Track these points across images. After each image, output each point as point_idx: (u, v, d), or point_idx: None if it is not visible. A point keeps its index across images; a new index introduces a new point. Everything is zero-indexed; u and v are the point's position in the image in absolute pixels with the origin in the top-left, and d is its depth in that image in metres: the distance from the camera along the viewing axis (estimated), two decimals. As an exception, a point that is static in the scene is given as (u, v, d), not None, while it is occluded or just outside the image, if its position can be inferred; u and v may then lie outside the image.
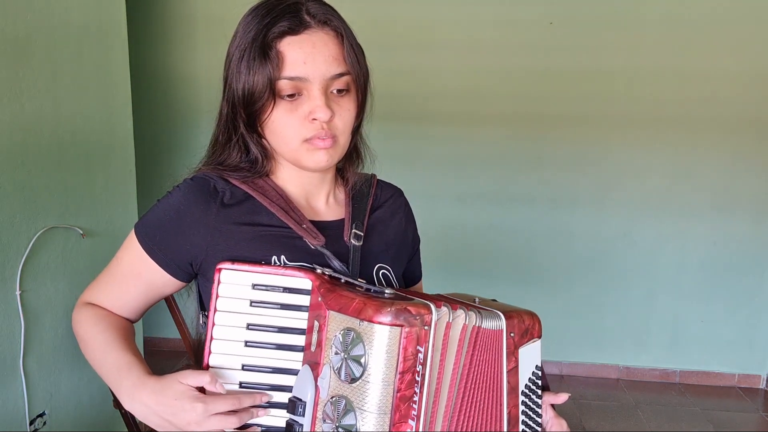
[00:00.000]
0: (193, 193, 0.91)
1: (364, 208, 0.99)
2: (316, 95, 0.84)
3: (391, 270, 0.99)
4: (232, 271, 0.83)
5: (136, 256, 0.92)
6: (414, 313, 0.72)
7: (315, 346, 0.78)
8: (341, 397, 0.73)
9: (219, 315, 0.82)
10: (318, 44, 0.84)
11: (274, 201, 0.91)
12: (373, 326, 0.71)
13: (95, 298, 0.97)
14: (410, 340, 0.71)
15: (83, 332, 0.93)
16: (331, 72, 0.85)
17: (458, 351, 0.78)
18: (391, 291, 0.77)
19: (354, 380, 0.72)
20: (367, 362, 0.71)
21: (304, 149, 0.87)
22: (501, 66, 3.05)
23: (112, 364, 0.86)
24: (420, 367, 0.72)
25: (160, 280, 0.92)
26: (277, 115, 0.85)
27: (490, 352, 0.81)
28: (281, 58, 0.83)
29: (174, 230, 0.90)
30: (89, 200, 2.11)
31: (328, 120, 0.85)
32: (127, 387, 0.81)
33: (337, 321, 0.75)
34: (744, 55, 2.93)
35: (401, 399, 0.71)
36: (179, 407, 0.76)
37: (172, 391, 0.77)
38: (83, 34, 2.04)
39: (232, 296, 0.83)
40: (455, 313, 0.77)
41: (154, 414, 0.78)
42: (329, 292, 0.78)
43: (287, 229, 0.90)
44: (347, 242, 0.94)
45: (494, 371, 0.82)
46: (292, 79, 0.83)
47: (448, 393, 0.77)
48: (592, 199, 3.13)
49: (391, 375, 0.71)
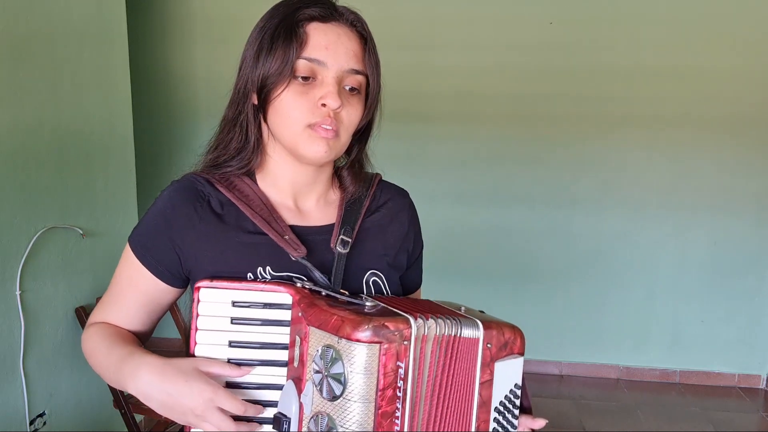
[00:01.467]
0: (179, 195, 0.91)
1: (357, 212, 0.96)
2: (329, 82, 0.84)
3: (384, 276, 0.96)
4: (210, 289, 0.82)
5: (132, 266, 0.92)
6: (392, 329, 0.71)
7: (297, 362, 0.78)
8: (323, 414, 0.73)
9: (200, 334, 0.81)
10: (343, 36, 0.86)
11: (257, 211, 0.90)
12: (351, 344, 0.70)
13: (101, 317, 0.97)
14: (390, 357, 0.70)
15: (89, 346, 0.93)
16: (350, 65, 0.85)
17: (431, 362, 0.76)
18: (372, 302, 0.76)
19: (335, 398, 0.71)
20: (346, 380, 0.70)
21: (306, 135, 0.86)
22: (501, 65, 3.05)
23: (114, 358, 0.86)
24: (401, 383, 0.71)
25: (155, 288, 0.92)
26: (288, 95, 0.85)
27: (463, 362, 0.78)
28: (305, 38, 0.84)
29: (163, 236, 0.89)
30: (89, 200, 2.11)
31: (337, 109, 0.85)
32: (129, 369, 0.81)
33: (317, 337, 0.75)
34: (744, 54, 2.93)
35: (383, 416, 0.71)
36: (186, 388, 0.75)
37: (184, 372, 0.77)
38: (83, 34, 2.04)
39: (212, 314, 0.82)
40: (428, 323, 0.75)
41: (158, 392, 0.77)
42: (309, 306, 0.77)
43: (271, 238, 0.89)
44: (333, 249, 0.91)
45: (466, 382, 0.79)
46: (311, 60, 0.84)
47: (425, 405, 0.76)
48: (592, 199, 3.13)
49: (371, 392, 0.70)
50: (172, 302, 0.96)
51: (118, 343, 0.89)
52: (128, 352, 0.85)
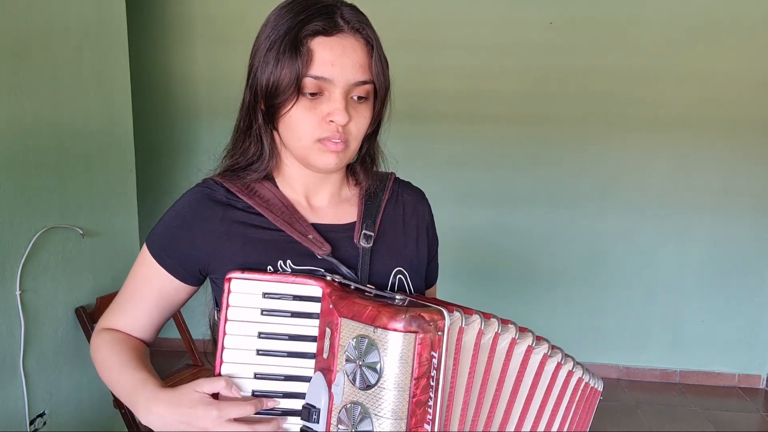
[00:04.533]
0: (198, 199, 0.92)
1: (377, 206, 0.98)
2: (337, 98, 0.85)
3: (408, 274, 0.98)
4: (242, 280, 0.83)
5: (148, 266, 0.94)
6: (428, 319, 0.72)
7: (327, 353, 0.79)
8: (356, 403, 0.74)
9: (230, 324, 0.82)
10: (348, 49, 0.85)
11: (278, 215, 0.91)
12: (387, 333, 0.72)
13: (111, 322, 0.98)
14: (425, 346, 0.72)
15: (100, 357, 0.95)
16: (356, 78, 0.85)
17: (474, 355, 0.79)
18: (401, 296, 0.77)
19: (369, 387, 0.73)
20: (382, 369, 0.72)
21: (316, 149, 0.87)
22: (501, 66, 3.05)
23: (128, 382, 0.88)
24: (434, 372, 0.72)
25: (170, 285, 0.94)
26: (297, 111, 0.86)
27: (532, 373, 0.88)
28: (311, 56, 0.84)
29: (181, 237, 0.91)
30: (89, 200, 2.11)
31: (345, 124, 0.86)
32: (143, 401, 0.83)
33: (349, 328, 0.76)
34: (744, 55, 2.93)
35: (417, 404, 0.72)
36: (194, 415, 0.78)
37: (187, 399, 0.79)
38: (83, 34, 2.04)
39: (242, 305, 0.82)
40: (470, 318, 0.78)
41: (171, 424, 0.80)
42: (341, 299, 0.79)
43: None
44: (357, 244, 0.93)
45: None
46: (317, 78, 0.84)
47: (464, 396, 0.79)
48: (592, 199, 3.13)
49: (406, 381, 0.72)
50: (184, 301, 0.98)
51: (131, 362, 0.90)
52: (141, 380, 0.86)
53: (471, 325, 0.78)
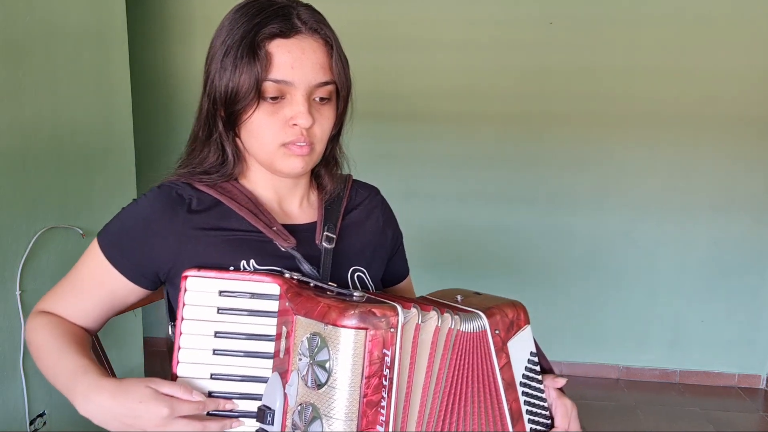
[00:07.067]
0: (160, 201, 0.90)
1: (337, 210, 0.98)
2: (299, 101, 0.83)
3: (367, 272, 0.97)
4: (197, 278, 0.80)
5: (99, 265, 0.90)
6: (379, 315, 0.70)
7: (284, 353, 0.77)
8: (308, 404, 0.72)
9: (186, 323, 0.80)
10: (307, 50, 0.83)
11: (242, 204, 0.89)
12: (337, 330, 0.69)
13: (52, 307, 0.95)
14: (375, 344, 0.69)
15: (38, 340, 0.90)
16: (318, 79, 0.84)
17: (431, 353, 0.76)
18: (360, 293, 0.75)
19: (320, 386, 0.70)
20: (332, 367, 0.69)
21: (281, 153, 0.86)
22: (500, 65, 3.04)
23: (67, 367, 0.83)
24: (387, 371, 0.70)
25: (123, 288, 0.91)
26: (258, 116, 0.84)
27: (476, 353, 0.80)
28: (269, 59, 0.82)
29: (140, 239, 0.88)
30: (89, 200, 2.11)
31: (309, 127, 0.85)
32: (82, 389, 0.78)
33: (303, 326, 0.74)
34: (744, 54, 2.93)
35: (368, 404, 0.69)
36: (143, 409, 0.74)
37: (137, 393, 0.74)
38: (83, 34, 2.04)
39: (198, 304, 0.80)
40: (427, 314, 0.75)
41: (113, 417, 0.75)
42: (296, 296, 0.77)
43: (257, 233, 0.89)
44: (319, 245, 0.92)
45: (485, 370, 0.81)
46: (278, 82, 0.82)
47: (422, 397, 0.75)
48: (592, 199, 3.13)
49: (357, 380, 0.69)
50: (134, 302, 0.95)
51: (71, 349, 0.86)
52: (82, 366, 0.82)
53: (429, 321, 0.75)
